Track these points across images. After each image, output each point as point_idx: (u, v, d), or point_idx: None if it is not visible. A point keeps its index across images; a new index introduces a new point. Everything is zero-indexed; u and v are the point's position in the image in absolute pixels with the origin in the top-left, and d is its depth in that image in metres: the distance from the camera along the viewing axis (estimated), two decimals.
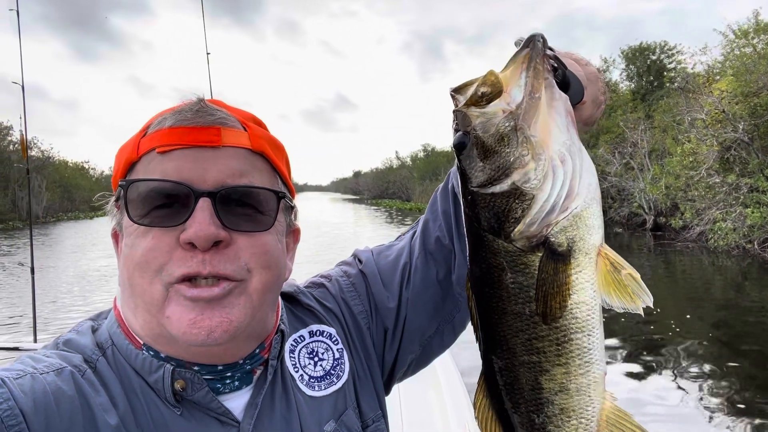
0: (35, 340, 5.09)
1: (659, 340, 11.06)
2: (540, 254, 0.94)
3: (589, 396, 0.99)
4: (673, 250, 25.05)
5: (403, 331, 1.34)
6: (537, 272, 0.95)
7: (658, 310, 13.22)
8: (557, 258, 0.94)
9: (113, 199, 1.07)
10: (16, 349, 3.58)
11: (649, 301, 0.93)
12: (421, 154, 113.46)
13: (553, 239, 0.94)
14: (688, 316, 13.09)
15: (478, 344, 1.05)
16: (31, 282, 5.34)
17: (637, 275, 0.93)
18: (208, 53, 5.23)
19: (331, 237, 32.63)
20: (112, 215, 1.09)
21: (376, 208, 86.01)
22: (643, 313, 0.94)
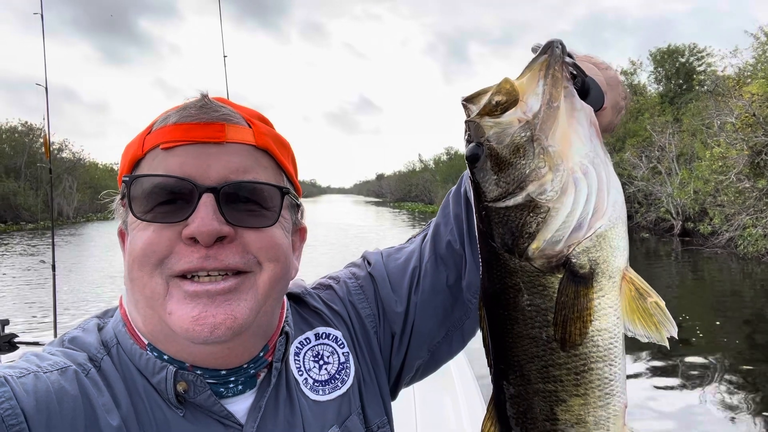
0: (55, 336, 5.19)
1: (686, 347, 10.81)
2: (560, 276, 0.88)
3: (608, 430, 0.92)
4: (702, 256, 24.52)
5: (411, 336, 1.31)
6: (556, 295, 0.88)
7: (687, 317, 12.95)
8: (578, 281, 0.87)
9: (119, 197, 1.06)
10: (36, 343, 3.63)
11: (674, 331, 0.86)
12: (444, 157, 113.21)
13: (574, 260, 0.87)
14: (717, 323, 12.80)
15: (489, 369, 0.99)
16: (52, 278, 5.44)
17: (663, 303, 0.87)
18: (225, 56, 5.25)
19: (359, 239, 32.72)
20: (118, 214, 1.08)
21: (399, 211, 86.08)
22: (668, 345, 0.87)
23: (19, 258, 27.11)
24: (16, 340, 3.38)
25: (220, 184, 0.96)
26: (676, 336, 0.86)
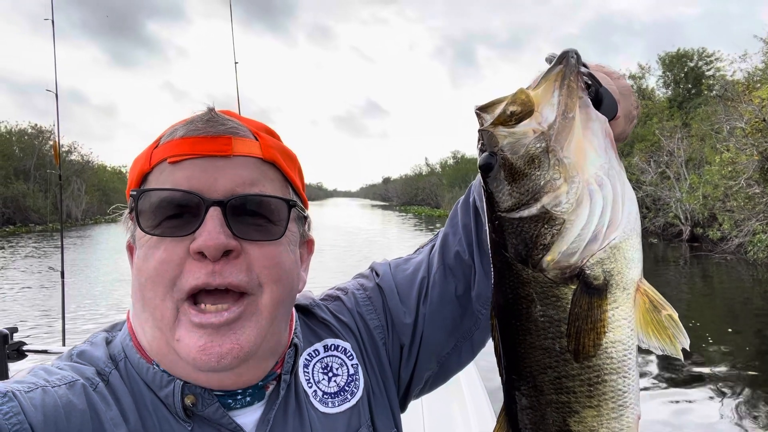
0: (63, 344, 5.16)
1: (695, 354, 10.73)
2: (573, 287, 0.87)
3: None
4: (711, 261, 24.37)
5: (420, 347, 1.30)
6: (570, 306, 0.88)
7: (698, 324, 12.88)
8: (592, 292, 0.87)
9: (127, 211, 1.06)
10: (44, 352, 3.62)
11: (687, 343, 0.86)
12: (451, 161, 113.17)
13: (588, 271, 0.86)
14: (729, 330, 12.70)
15: (501, 379, 0.98)
16: (61, 285, 5.43)
17: (676, 316, 0.86)
18: (236, 62, 5.23)
19: (368, 243, 32.70)
20: (126, 227, 1.08)
21: (405, 215, 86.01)
22: (682, 358, 0.87)
23: (28, 261, 27.17)
24: (25, 348, 3.35)
25: (227, 197, 0.97)
26: (688, 348, 0.86)
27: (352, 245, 30.97)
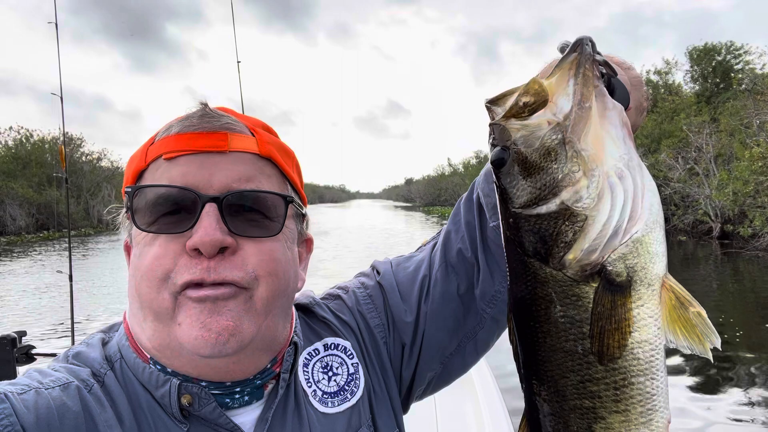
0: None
1: (727, 353, 10.47)
2: (595, 285, 0.83)
3: None
4: (742, 259, 23.77)
5: (422, 346, 1.27)
6: (592, 305, 0.83)
7: (731, 320, 12.60)
8: (615, 289, 0.82)
9: (124, 210, 1.05)
10: (53, 355, 3.66)
11: (718, 342, 0.81)
12: (474, 161, 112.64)
13: (610, 268, 0.82)
14: (766, 325, 12.38)
15: (521, 384, 0.94)
16: (69, 289, 5.44)
17: (705, 313, 0.81)
18: (238, 61, 5.21)
19: (398, 246, 32.62)
20: (124, 227, 1.07)
21: (428, 216, 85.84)
22: (712, 358, 0.82)
23: (47, 266, 27.63)
24: (34, 351, 3.37)
25: (223, 193, 0.95)
26: (719, 347, 0.81)
27: (380, 246, 30.86)
